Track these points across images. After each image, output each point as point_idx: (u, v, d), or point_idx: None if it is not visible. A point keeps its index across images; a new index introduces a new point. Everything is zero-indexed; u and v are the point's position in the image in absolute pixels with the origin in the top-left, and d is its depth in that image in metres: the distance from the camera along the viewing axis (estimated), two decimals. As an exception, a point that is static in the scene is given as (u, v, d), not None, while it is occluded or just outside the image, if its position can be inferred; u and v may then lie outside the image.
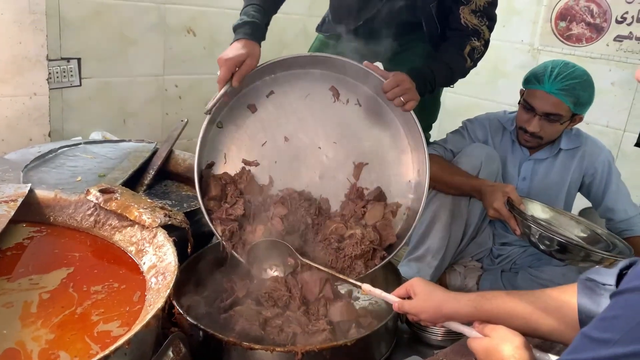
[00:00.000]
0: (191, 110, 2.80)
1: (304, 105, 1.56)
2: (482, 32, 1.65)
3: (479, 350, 0.94)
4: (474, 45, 1.65)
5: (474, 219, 1.81)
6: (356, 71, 1.51)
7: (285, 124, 1.57)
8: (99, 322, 0.99)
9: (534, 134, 1.75)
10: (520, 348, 0.86)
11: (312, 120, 1.56)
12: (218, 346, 1.21)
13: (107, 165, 1.74)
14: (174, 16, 2.61)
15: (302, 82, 1.56)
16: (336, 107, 1.56)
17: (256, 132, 1.58)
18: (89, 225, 1.29)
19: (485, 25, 1.64)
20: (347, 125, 1.56)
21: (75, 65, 2.35)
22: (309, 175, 1.56)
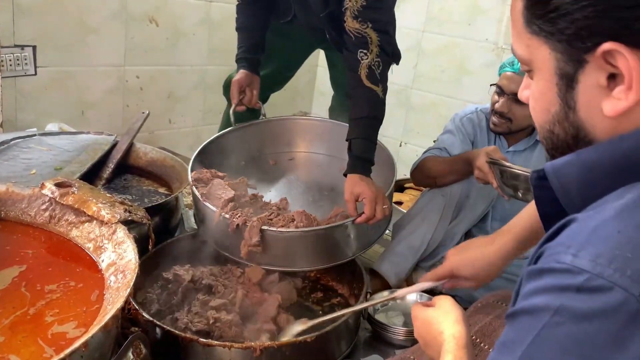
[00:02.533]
0: (153, 102, 2.73)
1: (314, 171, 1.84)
2: (368, 37, 1.55)
3: (419, 317, 0.92)
4: (368, 62, 1.56)
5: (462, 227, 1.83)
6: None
7: (292, 175, 1.83)
8: (53, 324, 0.94)
9: (502, 114, 1.77)
10: (458, 322, 0.86)
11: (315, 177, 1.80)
12: (176, 343, 1.18)
13: (63, 158, 1.67)
14: (136, 5, 2.53)
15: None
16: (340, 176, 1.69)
17: (269, 172, 1.82)
18: (44, 221, 1.23)
19: (369, 28, 1.54)
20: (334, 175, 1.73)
21: (30, 53, 2.25)
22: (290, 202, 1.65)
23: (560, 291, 0.52)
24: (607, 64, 0.55)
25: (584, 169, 0.59)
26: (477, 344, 1.10)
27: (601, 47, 0.54)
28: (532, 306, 0.54)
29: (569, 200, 0.61)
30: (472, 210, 1.78)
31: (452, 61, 3.06)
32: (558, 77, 0.59)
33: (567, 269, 0.52)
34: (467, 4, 2.94)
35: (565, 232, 0.56)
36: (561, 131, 0.62)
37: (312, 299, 1.54)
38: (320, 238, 1.43)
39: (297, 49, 2.13)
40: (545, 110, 0.63)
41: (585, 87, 0.58)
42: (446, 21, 3.04)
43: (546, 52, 0.60)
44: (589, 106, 0.58)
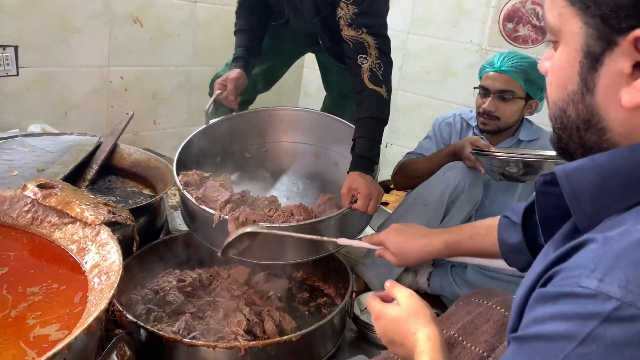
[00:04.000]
0: (137, 103, 2.71)
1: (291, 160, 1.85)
2: (365, 42, 1.59)
3: (384, 317, 0.89)
4: (369, 65, 1.60)
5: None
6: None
7: (270, 166, 1.85)
8: (35, 326, 0.93)
9: (490, 112, 1.80)
10: (430, 322, 0.84)
11: (295, 167, 1.83)
12: (160, 344, 1.17)
13: (46, 159, 1.65)
14: (120, 5, 2.51)
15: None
16: (318, 163, 1.82)
17: (246, 166, 1.83)
18: (26, 223, 1.21)
19: (365, 34, 1.59)
20: (323, 175, 1.75)
21: (12, 53, 2.22)
22: (277, 195, 1.66)
23: (586, 319, 0.48)
24: (637, 52, 0.52)
25: (598, 175, 0.55)
26: (459, 341, 1.10)
27: (635, 31, 0.52)
28: (551, 333, 0.51)
29: (579, 207, 0.57)
30: (457, 214, 1.79)
31: (437, 62, 3.08)
32: (583, 55, 0.56)
33: (593, 294, 0.49)
34: (452, 6, 2.96)
35: (583, 254, 0.53)
36: (574, 112, 0.59)
37: (299, 299, 1.54)
38: (317, 230, 1.44)
39: (288, 51, 2.14)
40: (562, 87, 0.60)
41: (609, 71, 0.55)
42: (431, 23, 3.05)
43: (577, 25, 0.56)
44: (608, 92, 0.55)
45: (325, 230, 1.45)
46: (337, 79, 2.16)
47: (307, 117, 1.94)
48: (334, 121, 1.88)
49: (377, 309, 0.91)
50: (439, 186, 1.73)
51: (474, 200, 1.79)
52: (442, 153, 1.83)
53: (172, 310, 1.35)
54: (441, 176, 1.75)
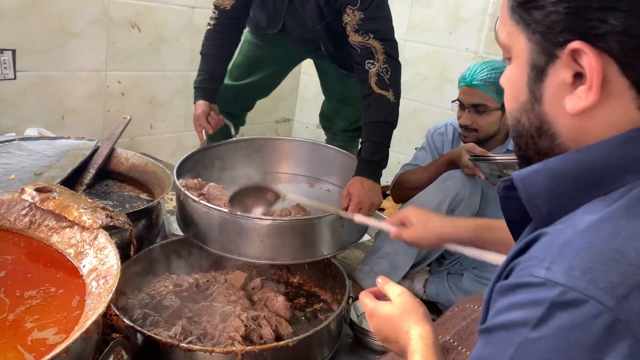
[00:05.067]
0: (134, 107, 2.71)
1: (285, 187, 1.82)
2: (372, 47, 1.61)
3: (377, 314, 0.90)
4: (376, 70, 1.61)
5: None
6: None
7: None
8: (33, 330, 0.93)
9: (467, 126, 1.81)
10: (423, 320, 0.85)
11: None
12: (157, 349, 1.17)
13: (43, 163, 1.65)
14: (118, 10, 2.52)
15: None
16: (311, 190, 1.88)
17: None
18: (24, 226, 1.21)
19: (372, 39, 1.60)
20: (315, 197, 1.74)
21: (10, 57, 2.22)
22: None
23: (536, 305, 0.52)
24: (575, 63, 0.56)
25: (551, 178, 0.59)
26: (454, 347, 1.11)
27: (570, 44, 0.56)
28: (509, 321, 0.54)
29: (536, 209, 0.61)
30: None
31: (433, 69, 3.10)
32: (530, 68, 0.61)
33: (541, 282, 0.52)
34: (448, 14, 2.98)
35: (536, 246, 0.57)
36: (526, 121, 0.63)
37: (295, 304, 1.54)
38: (311, 228, 1.47)
39: (287, 58, 2.15)
40: (515, 98, 0.64)
41: (552, 82, 0.59)
42: (428, 30, 3.07)
43: (523, 42, 0.61)
44: (554, 101, 0.60)
45: (320, 231, 1.47)
46: (336, 85, 2.17)
47: (302, 146, 1.98)
48: (327, 150, 1.93)
49: (370, 306, 0.92)
50: (438, 195, 1.74)
51: (472, 209, 1.79)
52: (439, 162, 1.83)
53: (169, 315, 1.35)
54: (440, 185, 1.75)
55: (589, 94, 0.56)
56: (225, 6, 1.80)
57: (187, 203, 1.50)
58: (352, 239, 1.60)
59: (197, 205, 1.46)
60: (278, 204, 1.53)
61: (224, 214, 1.41)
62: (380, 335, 0.91)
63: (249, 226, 1.42)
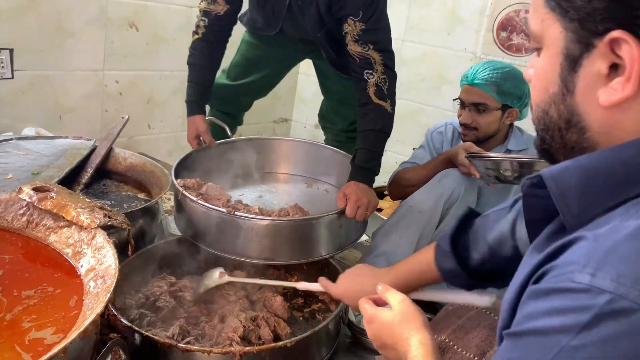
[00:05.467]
0: (132, 107, 2.71)
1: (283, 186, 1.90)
2: (371, 58, 1.62)
3: (377, 320, 0.90)
4: (375, 80, 1.63)
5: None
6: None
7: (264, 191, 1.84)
8: (30, 329, 0.92)
9: (467, 125, 1.82)
10: (423, 328, 0.85)
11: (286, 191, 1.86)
12: (155, 349, 1.17)
13: (41, 162, 1.65)
14: (116, 9, 2.51)
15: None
16: (309, 190, 1.88)
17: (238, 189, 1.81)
18: (21, 226, 1.21)
19: (371, 50, 1.62)
20: (314, 199, 1.78)
21: (7, 56, 2.21)
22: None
23: (580, 312, 0.50)
24: (612, 53, 0.55)
25: (583, 175, 0.58)
26: (450, 346, 1.11)
27: (610, 34, 0.54)
28: (546, 327, 0.52)
29: (566, 207, 0.59)
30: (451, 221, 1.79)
31: (431, 70, 3.10)
32: (563, 57, 0.59)
33: (586, 288, 0.50)
34: (447, 14, 2.99)
35: (574, 251, 0.54)
36: (555, 113, 0.62)
37: (293, 304, 1.54)
38: (309, 228, 1.47)
39: (285, 59, 2.15)
40: (544, 89, 0.63)
41: (587, 72, 0.58)
42: (426, 30, 3.08)
43: (558, 30, 0.59)
44: (586, 92, 0.58)
45: (318, 232, 1.48)
46: (335, 85, 2.17)
47: (299, 146, 1.99)
48: (325, 150, 1.93)
49: (369, 312, 0.92)
50: (434, 193, 1.74)
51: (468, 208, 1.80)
52: (437, 161, 1.84)
53: (165, 315, 1.35)
54: (436, 183, 1.76)
55: (627, 85, 0.54)
56: (219, 12, 1.80)
57: (185, 203, 1.50)
58: (350, 239, 1.60)
59: (195, 205, 1.46)
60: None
61: (222, 214, 1.41)
62: (378, 341, 0.90)
63: (247, 226, 1.42)
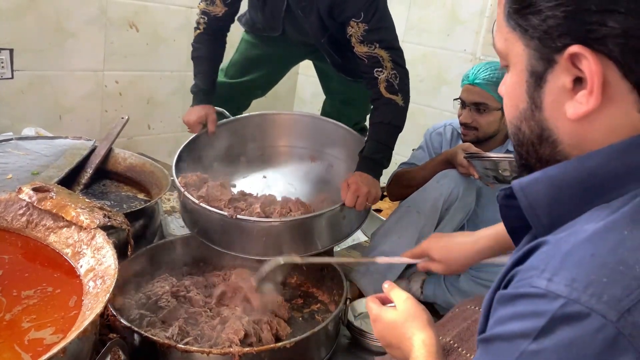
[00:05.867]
0: (132, 107, 2.71)
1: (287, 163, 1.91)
2: (379, 56, 1.63)
3: (381, 320, 0.90)
4: (385, 77, 1.64)
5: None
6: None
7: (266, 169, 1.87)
8: (30, 330, 0.93)
9: (467, 124, 1.83)
10: (426, 327, 0.85)
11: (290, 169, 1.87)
12: (154, 349, 1.17)
13: (41, 162, 1.65)
14: (116, 10, 2.51)
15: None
16: (313, 166, 1.88)
17: (242, 170, 1.85)
18: (21, 226, 1.21)
19: (377, 48, 1.62)
20: (319, 176, 1.79)
21: (7, 57, 2.21)
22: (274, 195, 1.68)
23: (537, 317, 0.51)
24: (574, 67, 0.55)
25: (551, 186, 0.58)
26: (454, 348, 1.11)
27: (569, 49, 0.55)
28: (508, 333, 0.53)
29: (536, 217, 0.60)
30: (450, 221, 1.80)
31: (430, 71, 3.10)
32: (528, 74, 0.60)
33: (543, 294, 0.51)
34: (446, 15, 2.99)
35: (536, 256, 0.55)
36: (527, 129, 0.62)
37: (293, 305, 1.54)
38: (312, 224, 1.49)
39: (284, 59, 2.15)
40: (515, 106, 0.63)
41: (552, 88, 0.58)
42: (425, 31, 3.08)
43: (520, 48, 0.60)
44: (554, 107, 0.59)
45: (320, 226, 1.49)
46: (338, 86, 2.17)
47: (301, 120, 1.97)
48: (327, 124, 1.90)
49: (374, 312, 0.93)
50: (432, 194, 1.74)
51: (467, 209, 1.80)
52: (435, 161, 1.84)
53: (165, 316, 1.35)
54: (435, 184, 1.76)
55: (590, 98, 0.55)
56: (217, 13, 1.81)
57: (188, 204, 1.50)
58: (352, 228, 1.61)
59: (197, 207, 1.46)
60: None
61: (225, 217, 1.41)
62: (383, 340, 0.91)
63: (250, 228, 1.43)
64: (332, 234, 1.53)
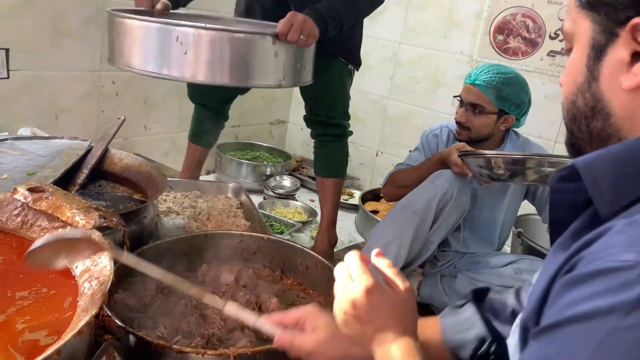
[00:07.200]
0: (128, 108, 2.70)
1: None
2: None
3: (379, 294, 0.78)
4: None
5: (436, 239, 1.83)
6: None
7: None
8: (24, 331, 0.92)
9: (461, 123, 1.84)
10: (414, 332, 0.78)
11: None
12: (149, 350, 1.16)
13: (36, 162, 1.64)
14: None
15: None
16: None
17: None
18: (15, 226, 1.20)
19: None
20: None
21: (3, 56, 2.21)
22: None
23: (629, 288, 0.48)
24: (634, 41, 0.59)
25: (616, 163, 0.59)
26: None
27: (632, 20, 0.59)
28: (588, 312, 0.50)
29: (600, 194, 0.60)
30: (445, 221, 1.81)
31: (427, 73, 3.11)
32: (590, 48, 0.64)
33: (632, 265, 0.49)
34: (443, 17, 3.00)
35: (611, 236, 0.54)
36: (582, 101, 0.65)
37: (289, 306, 1.54)
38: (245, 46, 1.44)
39: None
40: (573, 81, 0.67)
41: (611, 60, 0.62)
42: (422, 33, 3.08)
43: (586, 25, 0.64)
44: (611, 78, 0.62)
45: (252, 55, 1.46)
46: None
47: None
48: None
49: (371, 281, 0.79)
50: (427, 194, 1.75)
51: (462, 208, 1.81)
52: (430, 162, 1.85)
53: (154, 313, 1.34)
54: (429, 184, 1.76)
55: None
56: None
57: (115, 23, 1.48)
58: (293, 77, 1.59)
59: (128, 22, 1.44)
60: None
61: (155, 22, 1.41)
62: (365, 316, 0.77)
63: (177, 36, 1.39)
64: (271, 70, 1.51)
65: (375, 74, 3.20)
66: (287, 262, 1.64)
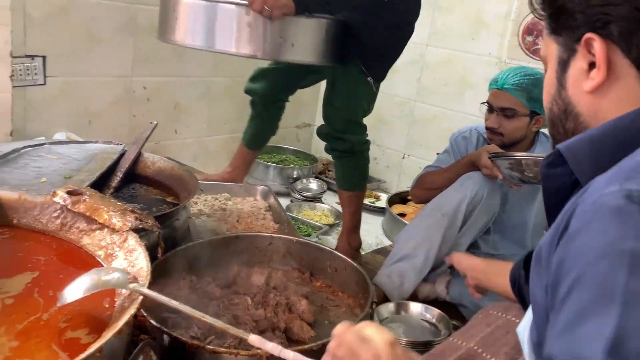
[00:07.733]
0: (159, 112, 2.75)
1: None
2: None
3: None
4: None
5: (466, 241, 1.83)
6: None
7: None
8: (66, 329, 0.95)
9: (493, 129, 1.82)
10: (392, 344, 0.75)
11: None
12: (183, 350, 1.19)
13: (72, 166, 1.69)
14: (144, 17, 2.56)
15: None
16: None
17: None
18: (55, 228, 1.24)
19: None
20: None
21: (40, 63, 2.28)
22: None
23: (629, 201, 0.57)
24: (589, 53, 0.72)
25: (593, 142, 0.70)
26: (479, 353, 1.11)
27: (584, 37, 0.71)
28: (603, 246, 0.57)
29: (582, 170, 0.70)
30: (474, 223, 1.80)
31: (454, 75, 3.09)
32: (557, 64, 0.77)
33: (616, 191, 0.58)
34: (471, 19, 2.98)
35: (589, 191, 0.63)
36: (556, 108, 0.79)
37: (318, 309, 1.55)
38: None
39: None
40: (548, 92, 0.80)
41: (574, 70, 0.75)
42: (449, 35, 3.07)
43: (554, 47, 0.78)
44: (575, 85, 0.75)
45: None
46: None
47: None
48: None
49: (391, 334, 0.78)
50: (456, 196, 1.74)
51: (492, 211, 1.80)
52: (460, 163, 1.84)
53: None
54: (459, 186, 1.76)
55: (598, 73, 0.71)
56: None
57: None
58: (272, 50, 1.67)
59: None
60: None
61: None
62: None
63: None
64: (248, 41, 1.59)
65: (401, 77, 3.19)
66: (315, 264, 1.65)
